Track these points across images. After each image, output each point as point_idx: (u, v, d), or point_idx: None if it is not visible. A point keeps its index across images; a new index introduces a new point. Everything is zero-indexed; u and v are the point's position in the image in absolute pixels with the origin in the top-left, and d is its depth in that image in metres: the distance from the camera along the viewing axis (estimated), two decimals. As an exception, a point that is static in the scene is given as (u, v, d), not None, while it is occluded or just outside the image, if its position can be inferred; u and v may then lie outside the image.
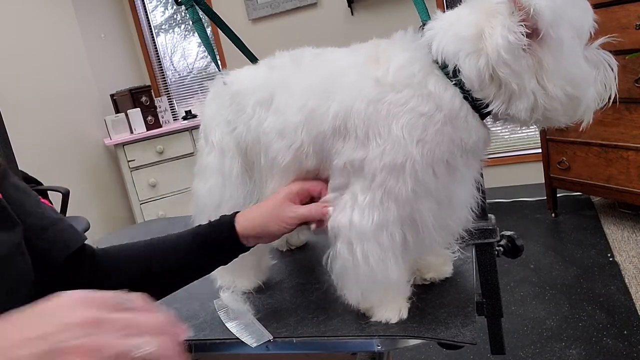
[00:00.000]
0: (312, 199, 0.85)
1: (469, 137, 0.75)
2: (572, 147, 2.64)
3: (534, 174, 3.14)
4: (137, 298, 0.38)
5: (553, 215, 2.92)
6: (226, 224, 0.80)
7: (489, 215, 1.04)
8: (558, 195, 2.93)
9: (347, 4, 3.39)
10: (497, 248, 1.06)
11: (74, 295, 0.35)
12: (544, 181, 2.88)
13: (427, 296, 0.87)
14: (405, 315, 0.81)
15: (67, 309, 0.34)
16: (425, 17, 0.86)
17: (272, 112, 0.86)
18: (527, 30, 0.66)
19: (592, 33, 0.73)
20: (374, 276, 0.78)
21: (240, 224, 0.79)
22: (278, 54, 0.93)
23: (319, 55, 0.88)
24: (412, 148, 0.73)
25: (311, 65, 0.86)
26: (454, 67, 0.72)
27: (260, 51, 1.04)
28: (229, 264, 0.86)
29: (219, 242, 0.80)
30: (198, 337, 0.88)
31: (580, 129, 0.76)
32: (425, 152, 0.73)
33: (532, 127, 0.78)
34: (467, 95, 0.73)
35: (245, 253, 0.85)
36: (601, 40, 0.74)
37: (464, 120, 0.74)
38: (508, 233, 1.09)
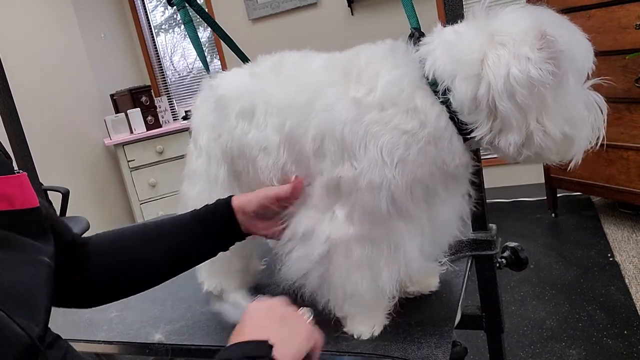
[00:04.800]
0: None
1: (451, 161, 0.72)
2: (572, 147, 2.63)
3: (534, 174, 3.14)
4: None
5: (553, 215, 2.92)
6: (223, 201, 0.83)
7: (490, 225, 0.99)
8: (558, 195, 2.93)
9: (347, 4, 3.39)
10: (499, 260, 1.01)
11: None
12: (543, 181, 2.87)
13: (406, 311, 0.83)
14: (377, 332, 0.79)
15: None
16: (415, 24, 0.84)
17: (254, 127, 0.85)
18: (555, 70, 0.64)
19: (589, 74, 0.72)
20: (343, 288, 0.76)
21: (236, 199, 0.82)
22: (260, 59, 0.91)
23: (297, 64, 0.86)
24: (389, 169, 0.70)
25: (289, 76, 0.84)
26: (444, 87, 0.70)
27: (260, 51, 1.03)
28: (217, 267, 0.87)
29: (216, 216, 0.81)
30: (176, 341, 0.88)
31: (568, 168, 0.74)
32: (406, 173, 0.71)
33: (517, 160, 0.75)
34: (453, 116, 0.71)
35: (235, 257, 0.87)
36: (593, 81, 0.73)
37: (448, 141, 0.72)
38: (512, 244, 1.03)
